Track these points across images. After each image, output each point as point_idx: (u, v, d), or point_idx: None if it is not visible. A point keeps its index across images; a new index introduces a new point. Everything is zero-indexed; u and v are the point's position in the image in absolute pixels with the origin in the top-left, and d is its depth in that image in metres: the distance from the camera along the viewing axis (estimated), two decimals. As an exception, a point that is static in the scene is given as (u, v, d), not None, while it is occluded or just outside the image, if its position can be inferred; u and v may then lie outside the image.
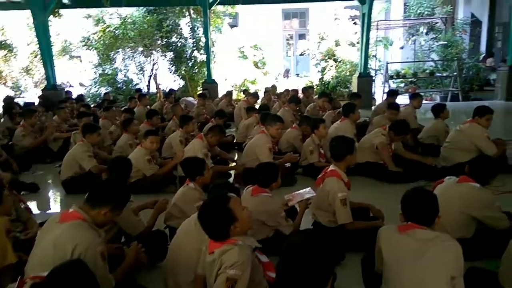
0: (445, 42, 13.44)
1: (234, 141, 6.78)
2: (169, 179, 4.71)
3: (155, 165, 4.73)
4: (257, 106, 7.94)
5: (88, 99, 12.62)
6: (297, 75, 16.61)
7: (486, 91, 12.72)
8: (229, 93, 9.95)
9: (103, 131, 5.80)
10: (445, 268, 1.92)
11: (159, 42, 13.18)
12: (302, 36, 17.92)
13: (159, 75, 13.90)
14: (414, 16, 14.49)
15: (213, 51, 12.25)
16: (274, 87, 10.72)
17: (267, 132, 4.86)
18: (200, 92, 10.14)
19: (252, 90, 11.92)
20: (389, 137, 4.70)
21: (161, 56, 13.51)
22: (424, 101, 11.95)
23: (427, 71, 13.01)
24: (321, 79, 13.68)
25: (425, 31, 14.23)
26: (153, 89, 13.61)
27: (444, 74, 13.07)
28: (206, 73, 11.91)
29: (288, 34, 18.50)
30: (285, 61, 17.40)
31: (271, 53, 15.43)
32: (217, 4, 11.58)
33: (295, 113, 7.15)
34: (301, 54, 16.05)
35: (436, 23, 14.12)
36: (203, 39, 11.94)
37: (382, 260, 2.12)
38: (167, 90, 11.67)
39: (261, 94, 9.82)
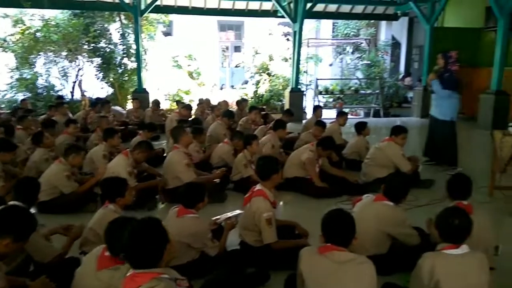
0: (369, 62, 14.48)
1: (165, 154, 6.54)
2: (89, 197, 4.38)
3: (74, 182, 4.39)
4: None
5: (3, 106, 11.48)
6: (232, 86, 16.67)
7: (404, 108, 13.88)
8: (156, 103, 9.63)
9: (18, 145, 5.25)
10: (360, 290, 2.01)
11: (85, 47, 12.44)
12: (237, 48, 18.13)
13: (85, 81, 13.10)
14: (341, 36, 15.43)
15: (144, 59, 11.86)
16: (208, 99, 10.63)
17: (180, 146, 4.73)
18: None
19: (186, 101, 11.74)
20: (317, 152, 4.87)
21: (87, 61, 12.75)
22: (350, 116, 12.66)
23: (353, 88, 13.90)
24: (255, 92, 13.92)
25: (351, 50, 15.22)
26: (77, 96, 12.77)
27: (368, 92, 14.04)
28: (137, 81, 11.48)
29: (224, 46, 18.60)
30: (221, 73, 17.43)
31: (206, 63, 15.36)
32: (149, 12, 11.28)
33: (229, 127, 7.14)
34: (236, 66, 16.22)
35: (361, 43, 15.17)
36: (134, 46, 11.51)
37: (303, 282, 2.16)
38: (94, 98, 11.03)
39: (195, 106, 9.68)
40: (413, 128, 9.97)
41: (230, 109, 8.16)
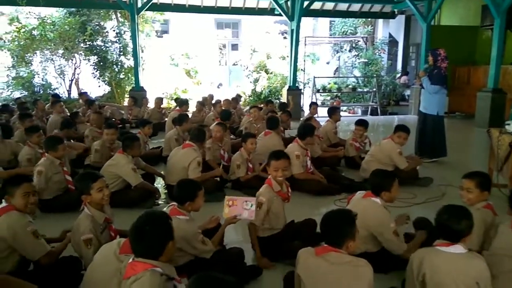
0: (366, 60, 14.48)
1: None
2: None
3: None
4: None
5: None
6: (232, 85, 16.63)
7: (402, 106, 13.89)
8: (159, 99, 9.59)
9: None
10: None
11: (82, 45, 12.39)
12: (234, 46, 18.09)
13: (82, 80, 13.06)
14: (338, 34, 15.41)
15: (142, 57, 11.82)
16: (211, 96, 10.45)
17: (194, 144, 4.71)
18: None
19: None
20: (302, 145, 4.82)
21: (84, 59, 12.70)
22: (347, 114, 12.63)
23: (350, 86, 13.90)
24: (253, 90, 13.92)
25: (348, 48, 15.21)
26: (75, 94, 12.73)
27: (365, 90, 14.05)
28: (134, 79, 11.45)
29: (222, 44, 18.56)
30: (219, 71, 17.39)
31: (203, 62, 15.32)
32: (145, 10, 11.24)
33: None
34: (234, 64, 16.19)
35: (358, 41, 15.17)
36: (131, 44, 11.46)
37: (301, 283, 2.14)
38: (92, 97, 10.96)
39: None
40: (410, 126, 9.96)
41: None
